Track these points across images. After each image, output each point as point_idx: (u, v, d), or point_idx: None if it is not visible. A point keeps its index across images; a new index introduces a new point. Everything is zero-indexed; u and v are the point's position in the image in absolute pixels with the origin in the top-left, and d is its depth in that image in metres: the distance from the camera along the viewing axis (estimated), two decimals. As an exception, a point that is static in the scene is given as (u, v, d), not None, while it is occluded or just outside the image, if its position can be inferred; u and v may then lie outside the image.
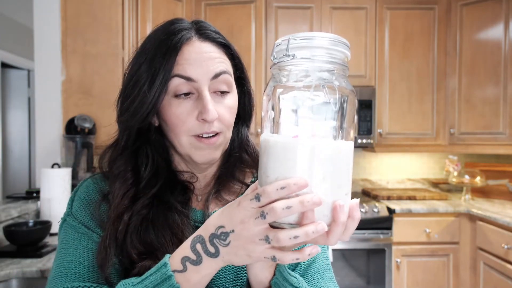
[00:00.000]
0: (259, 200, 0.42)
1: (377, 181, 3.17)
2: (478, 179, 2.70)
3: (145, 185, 0.63)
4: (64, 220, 0.66)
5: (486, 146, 2.63)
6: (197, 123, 0.60)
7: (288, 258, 0.43)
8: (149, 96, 0.59)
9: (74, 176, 2.11)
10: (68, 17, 2.23)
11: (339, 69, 0.45)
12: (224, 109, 0.62)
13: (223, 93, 0.62)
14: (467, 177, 2.73)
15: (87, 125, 2.13)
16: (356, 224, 0.44)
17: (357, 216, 0.44)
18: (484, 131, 2.64)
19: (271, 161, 0.43)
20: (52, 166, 2.03)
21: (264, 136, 0.46)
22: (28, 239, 1.55)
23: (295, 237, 0.40)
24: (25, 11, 3.64)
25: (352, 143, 0.45)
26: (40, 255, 1.53)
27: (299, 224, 0.42)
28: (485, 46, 2.62)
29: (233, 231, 0.44)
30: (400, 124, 2.79)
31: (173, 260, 0.49)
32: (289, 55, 0.43)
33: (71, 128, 2.15)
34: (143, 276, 0.50)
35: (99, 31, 2.23)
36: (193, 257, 0.48)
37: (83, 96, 2.24)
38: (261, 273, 0.52)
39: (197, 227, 0.63)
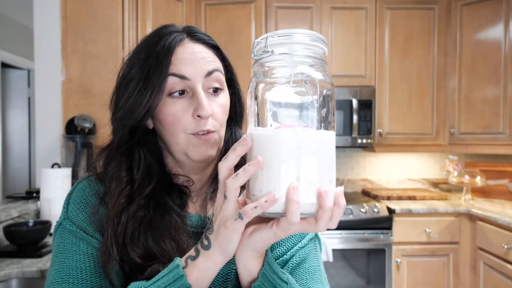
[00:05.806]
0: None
1: (377, 181, 3.17)
2: (478, 179, 2.70)
3: (138, 185, 0.63)
4: (59, 224, 0.64)
5: (486, 146, 2.63)
6: (193, 120, 0.61)
7: (248, 209, 0.44)
8: (145, 94, 0.60)
9: (74, 176, 2.11)
10: (68, 17, 2.23)
11: (319, 64, 0.46)
12: (217, 107, 0.63)
13: (216, 91, 0.64)
14: (467, 177, 2.73)
15: (87, 125, 2.13)
16: (342, 211, 0.45)
17: (343, 203, 0.45)
18: (484, 131, 2.64)
19: (256, 153, 0.45)
20: (52, 166, 2.03)
21: (249, 130, 0.47)
22: (28, 239, 1.55)
23: (245, 170, 0.44)
24: (25, 11, 3.64)
25: (333, 133, 0.47)
26: (40, 255, 1.53)
27: (285, 212, 0.43)
28: (485, 46, 2.62)
29: (212, 215, 0.50)
30: (400, 124, 2.79)
31: (181, 261, 0.53)
32: (268, 51, 0.45)
33: (71, 128, 2.15)
34: (155, 278, 0.51)
35: (99, 31, 2.23)
36: (193, 253, 0.52)
37: (83, 96, 2.24)
38: (250, 263, 0.53)
39: (193, 232, 0.64)
